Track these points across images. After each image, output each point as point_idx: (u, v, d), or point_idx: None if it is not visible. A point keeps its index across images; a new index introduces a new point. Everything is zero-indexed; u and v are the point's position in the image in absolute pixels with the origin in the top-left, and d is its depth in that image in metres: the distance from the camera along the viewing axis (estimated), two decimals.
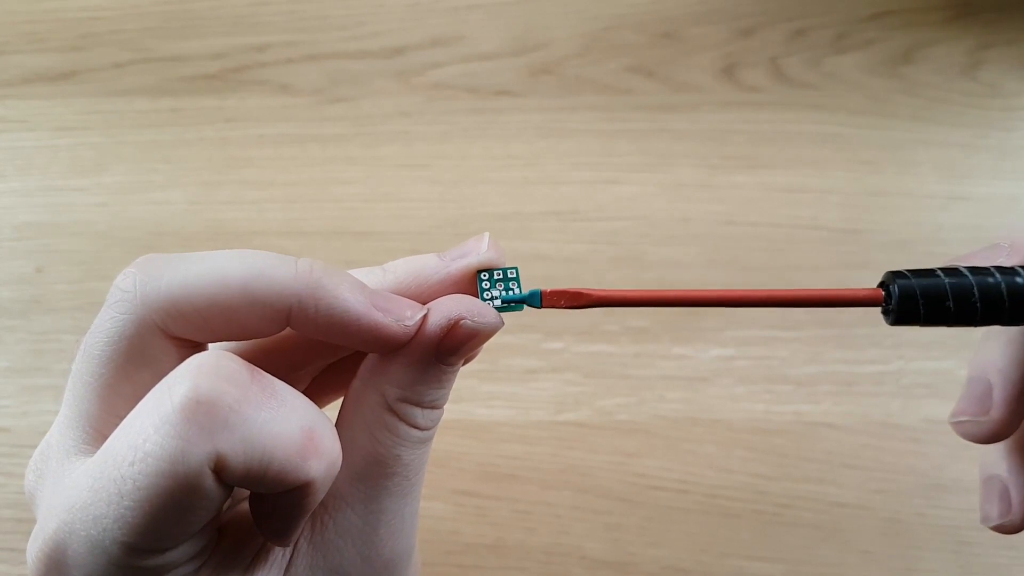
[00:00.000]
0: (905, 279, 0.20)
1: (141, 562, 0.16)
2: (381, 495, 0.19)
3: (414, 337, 0.19)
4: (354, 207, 0.44)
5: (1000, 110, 0.45)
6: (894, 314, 0.20)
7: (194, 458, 0.15)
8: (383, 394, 0.19)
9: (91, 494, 0.16)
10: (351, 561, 0.19)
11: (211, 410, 0.15)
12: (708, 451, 0.39)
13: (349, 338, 0.18)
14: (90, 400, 0.18)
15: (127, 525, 0.16)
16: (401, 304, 0.19)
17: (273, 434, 0.16)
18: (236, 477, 0.16)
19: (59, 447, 0.18)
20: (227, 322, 0.18)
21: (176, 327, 0.18)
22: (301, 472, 0.16)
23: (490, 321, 0.19)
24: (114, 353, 0.18)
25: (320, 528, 0.19)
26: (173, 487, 0.15)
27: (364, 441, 0.19)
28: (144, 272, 0.18)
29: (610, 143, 0.45)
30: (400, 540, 0.20)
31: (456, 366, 0.20)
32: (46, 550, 0.17)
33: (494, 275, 0.21)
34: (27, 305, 0.42)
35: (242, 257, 0.18)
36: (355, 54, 0.47)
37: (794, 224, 0.43)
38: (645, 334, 0.41)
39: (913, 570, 0.37)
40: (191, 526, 0.16)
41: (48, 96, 0.47)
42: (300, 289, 0.18)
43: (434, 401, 0.20)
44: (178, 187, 0.44)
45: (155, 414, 0.16)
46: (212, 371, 0.16)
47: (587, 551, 0.37)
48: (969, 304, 0.20)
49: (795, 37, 0.47)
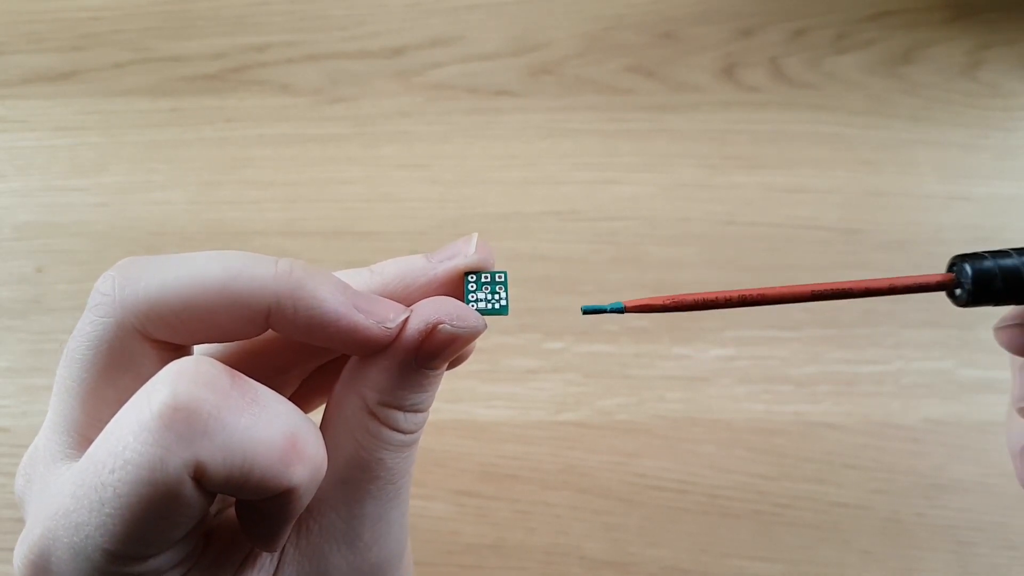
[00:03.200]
0: (978, 259, 0.21)
1: (125, 569, 0.16)
2: (364, 499, 0.19)
3: (395, 340, 0.19)
4: (354, 207, 0.44)
5: (1000, 110, 0.45)
6: (968, 293, 0.21)
7: (173, 466, 0.15)
8: (363, 398, 0.19)
9: (73, 501, 0.16)
10: (337, 566, 0.19)
11: (190, 417, 0.15)
12: (708, 451, 0.39)
13: (329, 340, 0.18)
14: (73, 405, 0.18)
15: (109, 532, 0.16)
16: (384, 306, 0.19)
17: (254, 440, 0.16)
18: (217, 484, 0.16)
19: (45, 452, 0.18)
20: (207, 324, 0.18)
21: (156, 330, 0.18)
22: (284, 479, 0.16)
23: (471, 325, 0.19)
24: (95, 357, 0.18)
25: (306, 532, 0.19)
26: (153, 495, 0.15)
27: (346, 445, 0.19)
28: (123, 275, 0.18)
29: (610, 143, 0.45)
30: (386, 545, 0.20)
31: (439, 370, 0.19)
32: (31, 556, 0.17)
33: (482, 278, 0.20)
34: (27, 305, 0.42)
35: (221, 258, 0.18)
36: (355, 54, 0.47)
37: (794, 224, 0.43)
38: (645, 334, 0.41)
39: (913, 570, 0.37)
40: (173, 533, 0.16)
41: (48, 96, 0.47)
42: (279, 290, 0.17)
43: (416, 405, 0.19)
44: (178, 187, 0.44)
45: (134, 421, 0.15)
46: (191, 377, 0.16)
47: (587, 551, 0.37)
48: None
49: (795, 37, 0.47)
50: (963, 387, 0.40)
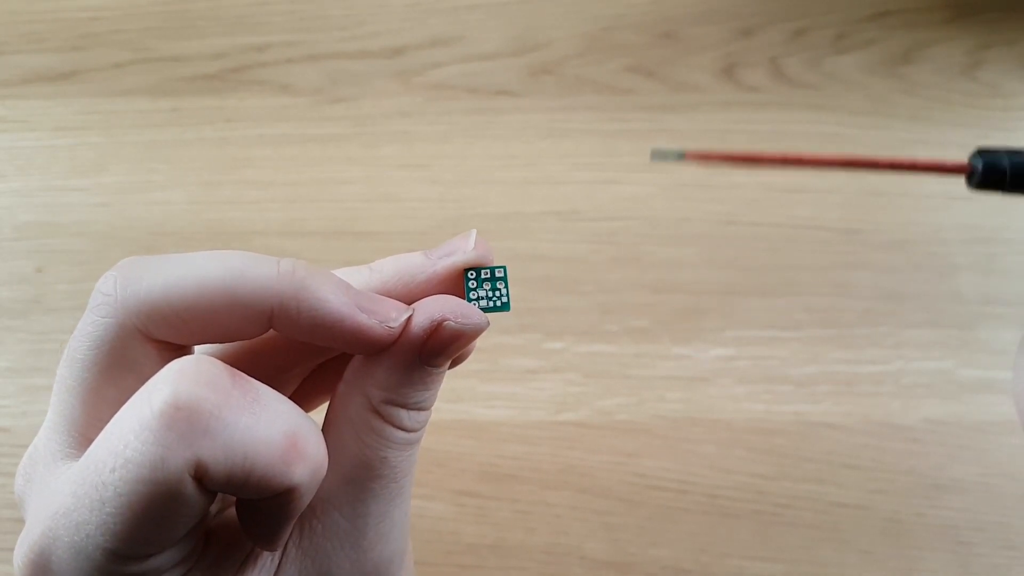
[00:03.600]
0: (994, 154, 0.23)
1: (125, 568, 0.16)
2: (368, 498, 0.19)
3: (398, 338, 0.19)
4: (354, 207, 0.44)
5: (1000, 110, 0.45)
6: (979, 176, 0.23)
7: (174, 464, 0.15)
8: (368, 396, 0.19)
9: (74, 500, 0.16)
10: (339, 565, 0.19)
11: (191, 416, 0.15)
12: (708, 451, 0.39)
13: (333, 340, 0.18)
14: (74, 405, 0.18)
15: (109, 532, 0.16)
16: (386, 305, 0.19)
17: (255, 439, 0.16)
18: (218, 483, 0.16)
19: (46, 451, 0.18)
20: (209, 324, 0.18)
21: (157, 330, 0.18)
22: (284, 478, 0.16)
23: (475, 322, 0.19)
24: (96, 357, 0.18)
25: (308, 532, 0.19)
26: (154, 494, 0.15)
27: (350, 443, 0.19)
28: (124, 275, 0.18)
29: (610, 143, 0.45)
30: (389, 544, 0.20)
31: (442, 368, 0.20)
32: (31, 556, 0.17)
33: (481, 274, 0.20)
34: (27, 305, 0.42)
35: (223, 258, 0.18)
36: (355, 54, 0.47)
37: (794, 224, 0.43)
38: (645, 334, 0.41)
39: (913, 570, 0.37)
40: (174, 532, 0.16)
41: (48, 96, 0.47)
42: (282, 290, 0.17)
43: (420, 403, 0.19)
44: (178, 187, 0.44)
45: (135, 420, 0.15)
46: (192, 376, 0.16)
47: (587, 551, 0.37)
48: None
49: (795, 37, 0.47)
50: (963, 387, 0.40)
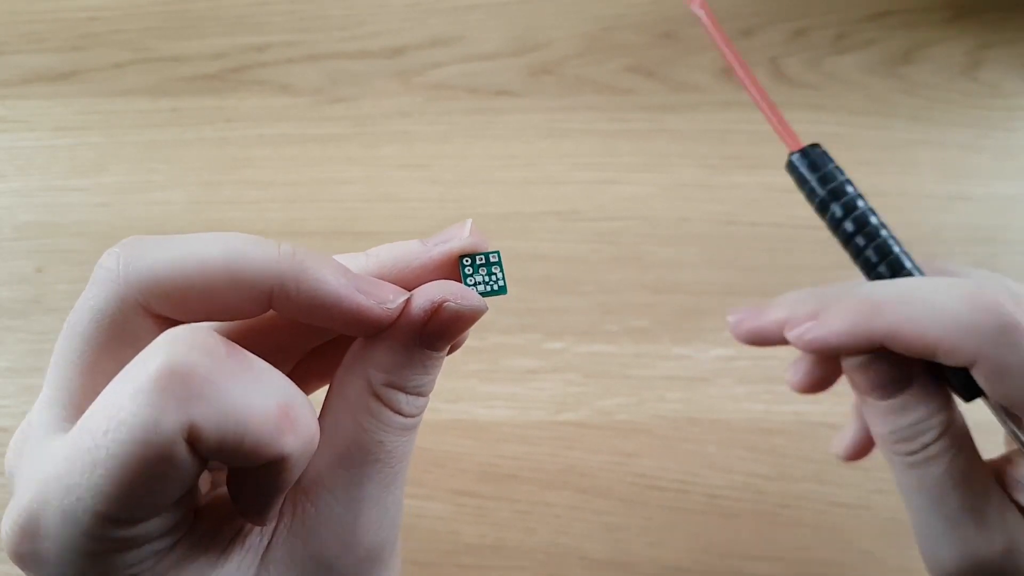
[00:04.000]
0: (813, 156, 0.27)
1: (114, 532, 0.16)
2: (363, 482, 0.19)
3: (398, 320, 0.19)
4: (354, 207, 0.44)
5: (1000, 110, 0.45)
6: (795, 155, 0.27)
7: (167, 427, 0.15)
8: (367, 379, 0.19)
9: (66, 464, 0.16)
10: (330, 548, 0.19)
11: (185, 380, 0.15)
12: (708, 451, 0.39)
13: (331, 320, 0.19)
14: (71, 378, 0.18)
15: (101, 494, 0.16)
16: (384, 288, 0.19)
17: (248, 406, 0.16)
18: (210, 448, 0.16)
19: (39, 424, 0.18)
20: (209, 302, 0.18)
21: (158, 305, 0.18)
22: (276, 446, 0.16)
23: (474, 304, 0.19)
24: (96, 330, 0.18)
25: (300, 514, 0.19)
26: (147, 455, 0.15)
27: (347, 426, 0.19)
28: (128, 251, 0.18)
29: (610, 143, 0.45)
30: (381, 530, 0.20)
31: (442, 352, 0.20)
32: (20, 521, 0.17)
33: (476, 260, 0.21)
34: (27, 305, 0.42)
35: (225, 239, 0.18)
36: (355, 54, 0.47)
37: (794, 224, 0.43)
38: (645, 334, 0.41)
39: (913, 570, 0.37)
40: (165, 497, 0.17)
41: (48, 96, 0.47)
42: (282, 270, 0.18)
43: (419, 387, 0.20)
44: (178, 187, 0.44)
45: (130, 385, 0.16)
46: (188, 343, 0.16)
47: (587, 551, 0.37)
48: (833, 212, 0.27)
49: (795, 37, 0.47)
50: None
